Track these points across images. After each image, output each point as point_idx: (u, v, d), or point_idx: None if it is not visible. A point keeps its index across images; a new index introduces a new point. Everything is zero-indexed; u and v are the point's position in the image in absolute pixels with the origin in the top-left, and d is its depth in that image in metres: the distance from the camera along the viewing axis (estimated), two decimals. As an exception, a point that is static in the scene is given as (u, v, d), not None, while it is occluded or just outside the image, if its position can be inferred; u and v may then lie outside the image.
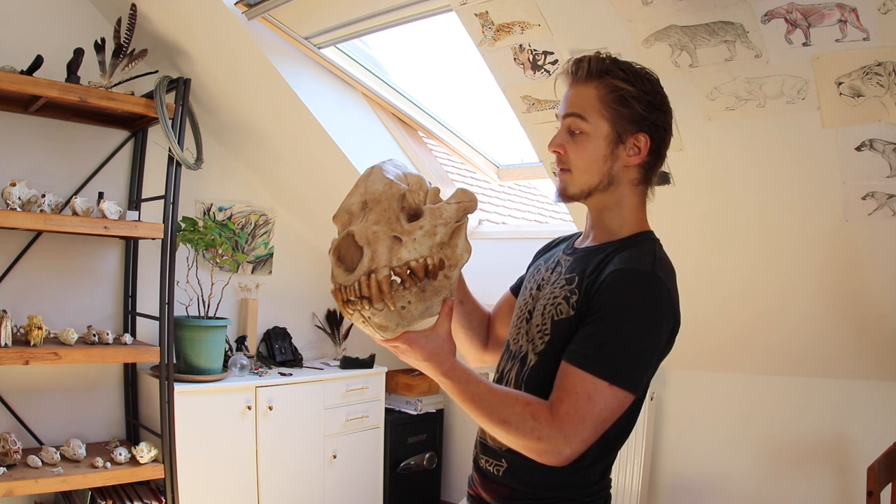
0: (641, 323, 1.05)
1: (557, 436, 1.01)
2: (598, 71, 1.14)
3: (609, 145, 1.15)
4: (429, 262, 1.07)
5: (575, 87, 1.17)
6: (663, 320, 1.08)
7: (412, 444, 3.36)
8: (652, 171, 1.20)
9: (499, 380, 1.26)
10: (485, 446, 1.23)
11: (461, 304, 1.36)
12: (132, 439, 2.74)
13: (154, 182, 2.73)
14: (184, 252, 2.82)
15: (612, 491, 1.22)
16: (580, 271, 1.15)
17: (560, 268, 1.22)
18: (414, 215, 1.10)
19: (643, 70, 1.17)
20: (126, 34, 2.45)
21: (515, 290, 1.41)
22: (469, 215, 1.15)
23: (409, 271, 1.05)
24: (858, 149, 1.69)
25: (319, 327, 3.49)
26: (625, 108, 1.13)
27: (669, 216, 2.15)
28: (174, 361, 2.60)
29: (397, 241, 1.05)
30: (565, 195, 1.19)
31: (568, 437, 1.01)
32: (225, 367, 2.81)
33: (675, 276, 1.14)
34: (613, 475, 1.22)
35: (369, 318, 1.05)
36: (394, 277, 1.04)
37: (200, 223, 2.73)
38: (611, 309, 1.06)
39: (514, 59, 1.97)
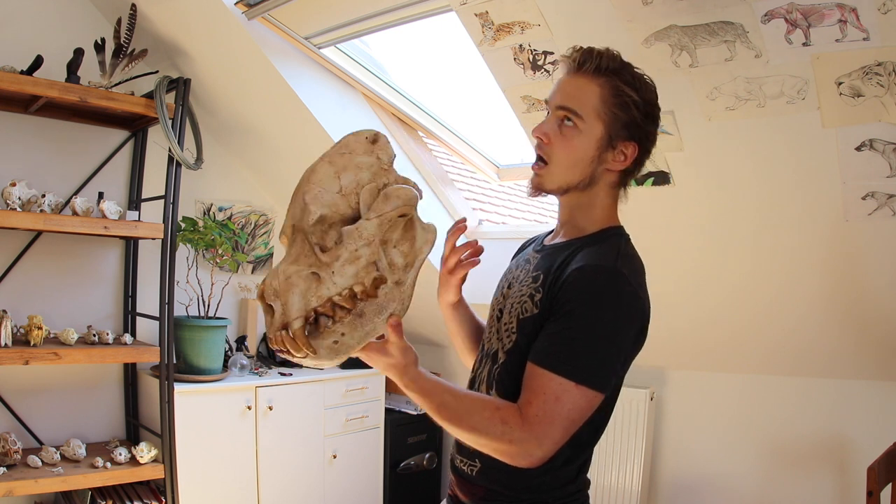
0: (605, 320, 1.03)
1: (528, 438, 0.99)
2: (607, 69, 1.11)
3: (598, 148, 1.12)
4: (356, 289, 1.04)
5: (577, 79, 1.12)
6: (628, 317, 1.05)
7: (412, 444, 3.35)
8: (630, 177, 1.18)
9: (472, 379, 1.26)
10: (460, 446, 1.22)
11: (454, 308, 1.35)
12: (132, 439, 2.74)
13: (154, 182, 2.73)
14: (184, 252, 2.82)
15: (611, 491, 1.21)
16: (545, 269, 1.13)
17: (528, 265, 1.20)
18: (353, 220, 1.07)
19: (646, 76, 1.15)
20: (126, 34, 2.45)
21: None
22: (416, 205, 1.09)
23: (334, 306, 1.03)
24: (858, 149, 1.69)
25: (319, 327, 3.49)
26: (623, 114, 1.11)
27: (669, 216, 2.15)
28: (174, 361, 2.60)
29: (316, 279, 1.03)
30: (541, 189, 1.16)
31: (539, 439, 0.99)
32: (225, 367, 2.80)
33: (643, 272, 1.12)
34: (614, 475, 1.22)
35: (301, 361, 1.05)
36: (323, 313, 1.03)
37: (200, 223, 2.73)
38: (573, 307, 1.04)
39: (514, 59, 1.97)
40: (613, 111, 1.11)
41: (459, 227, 1.26)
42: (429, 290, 1.56)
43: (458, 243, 1.28)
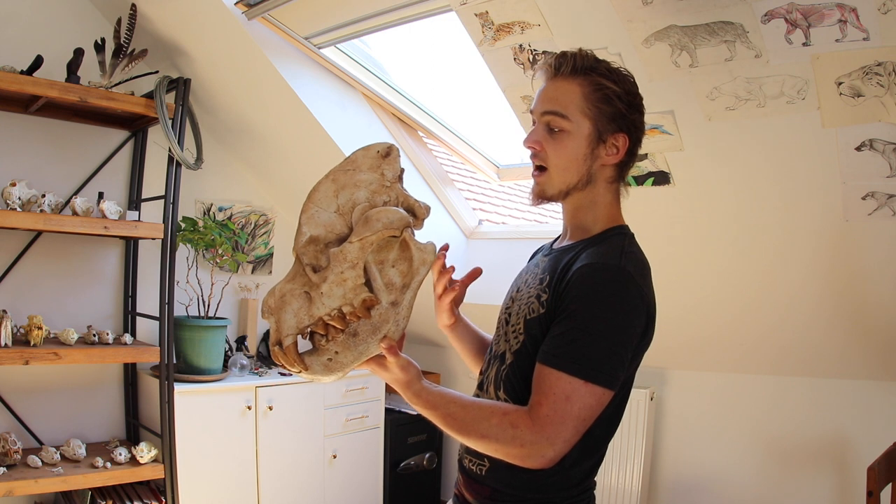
0: (611, 318, 1.04)
1: (540, 439, 1.00)
2: (584, 68, 1.13)
3: (590, 144, 1.14)
4: (344, 310, 1.06)
5: (556, 83, 1.15)
6: (634, 314, 1.06)
7: (412, 444, 3.36)
8: (626, 169, 1.20)
9: (480, 383, 1.26)
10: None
11: (452, 329, 1.37)
12: (132, 439, 2.74)
13: (154, 182, 2.73)
14: (184, 252, 2.82)
15: (611, 491, 1.21)
16: (551, 270, 1.15)
17: (537, 269, 1.22)
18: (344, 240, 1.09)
19: (623, 69, 1.17)
20: (126, 34, 2.45)
21: None
22: (412, 226, 1.11)
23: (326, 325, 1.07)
24: (858, 149, 1.69)
25: (319, 327, 3.49)
26: (608, 107, 1.12)
27: (669, 216, 2.15)
28: (174, 361, 2.60)
29: (308, 298, 1.06)
30: (543, 196, 1.18)
31: (550, 440, 1.00)
32: (225, 367, 2.80)
33: (649, 270, 1.13)
34: (614, 475, 1.22)
35: (298, 375, 1.09)
36: (319, 331, 1.07)
37: (200, 223, 2.73)
38: (578, 305, 1.04)
39: (514, 59, 1.97)
40: (597, 105, 1.12)
41: (443, 249, 1.27)
42: (429, 289, 1.56)
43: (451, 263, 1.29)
